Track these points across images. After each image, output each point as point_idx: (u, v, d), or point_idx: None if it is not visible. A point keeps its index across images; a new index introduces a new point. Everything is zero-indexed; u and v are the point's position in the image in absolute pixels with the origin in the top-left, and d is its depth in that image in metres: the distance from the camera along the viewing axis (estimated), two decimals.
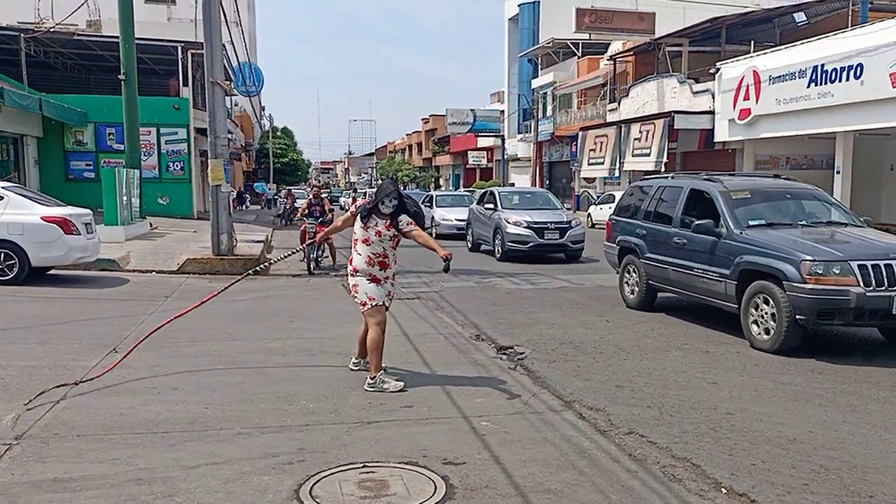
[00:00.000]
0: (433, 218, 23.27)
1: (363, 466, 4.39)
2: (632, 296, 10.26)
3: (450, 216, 23.12)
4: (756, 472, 4.39)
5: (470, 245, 18.93)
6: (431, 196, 26.65)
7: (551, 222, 16.26)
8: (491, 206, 17.40)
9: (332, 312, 9.67)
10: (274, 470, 4.30)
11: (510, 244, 16.04)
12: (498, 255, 16.48)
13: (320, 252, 14.43)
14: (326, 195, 17.18)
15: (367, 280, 5.99)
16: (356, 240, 6.02)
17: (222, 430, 4.99)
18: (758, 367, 6.97)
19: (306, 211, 15.09)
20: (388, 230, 5.97)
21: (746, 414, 5.51)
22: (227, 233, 13.88)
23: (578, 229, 16.50)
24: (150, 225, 19.74)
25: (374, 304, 5.98)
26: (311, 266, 13.82)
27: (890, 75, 18.72)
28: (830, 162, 23.79)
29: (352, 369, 6.47)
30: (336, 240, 15.15)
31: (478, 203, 19.03)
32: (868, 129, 21.16)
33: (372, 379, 5.95)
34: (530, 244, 15.96)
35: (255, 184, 53.85)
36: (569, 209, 26.58)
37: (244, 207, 39.39)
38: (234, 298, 10.67)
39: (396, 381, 6.00)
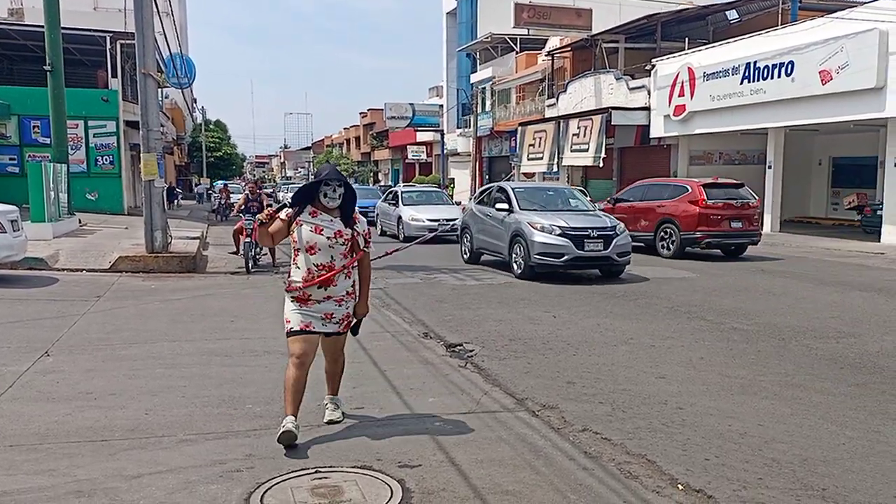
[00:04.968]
0: (400, 218, 20.70)
1: (315, 472, 4.25)
2: None
3: (420, 216, 20.34)
4: (711, 467, 4.41)
5: (467, 255, 15.25)
6: (395, 192, 23.00)
7: (592, 228, 12.50)
8: (504, 206, 13.61)
9: (274, 311, 9.38)
10: (222, 478, 4.12)
11: (538, 257, 12.34)
12: (518, 271, 12.82)
13: (258, 249, 14.02)
14: (271, 191, 17.01)
15: (291, 299, 4.71)
16: (296, 250, 4.67)
17: (165, 436, 4.78)
18: (703, 361, 7.05)
19: (243, 207, 14.60)
20: (345, 231, 4.67)
21: (696, 408, 5.55)
22: (161, 229, 13.45)
23: (624, 237, 12.83)
24: (79, 221, 19.02)
25: (289, 328, 4.69)
26: (249, 265, 13.43)
27: (819, 73, 19.37)
28: (762, 157, 24.52)
29: (328, 421, 5.06)
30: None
31: (478, 203, 15.34)
32: (798, 125, 21.89)
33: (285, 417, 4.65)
34: (566, 257, 12.26)
35: (217, 182, 52.36)
36: None
37: (175, 203, 38.33)
38: (170, 298, 10.35)
39: (293, 426, 4.53)
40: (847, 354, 7.30)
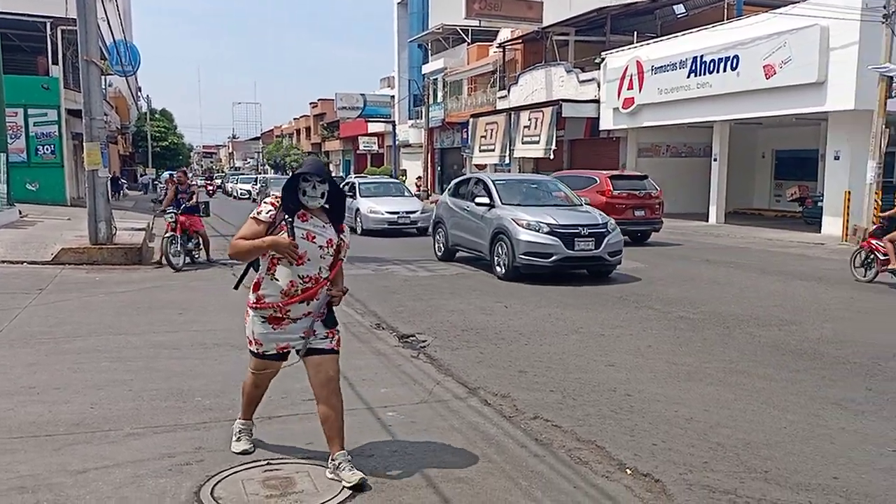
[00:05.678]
0: (358, 210, 19.88)
1: (267, 464, 4.22)
2: None
3: (379, 208, 19.60)
4: (658, 452, 4.50)
5: (441, 251, 14.18)
6: (353, 184, 22.04)
7: (583, 226, 11.52)
8: (484, 200, 12.53)
9: (223, 304, 9.29)
10: (171, 472, 4.07)
11: (524, 257, 11.34)
12: (502, 272, 11.78)
13: (193, 244, 12.82)
14: (219, 182, 16.09)
15: (262, 320, 4.02)
16: (276, 259, 3.95)
17: (111, 430, 4.69)
18: (651, 349, 7.19)
19: (173, 199, 12.91)
20: (335, 239, 4.05)
21: (644, 395, 5.66)
22: (105, 220, 13.13)
23: (616, 234, 11.83)
24: (20, 213, 18.50)
25: (258, 350, 4.10)
26: (175, 261, 12.11)
27: (763, 67, 19.81)
28: (708, 150, 24.99)
29: (328, 477, 4.02)
30: (206, 227, 13.55)
31: (452, 195, 14.27)
32: (743, 119, 22.35)
33: (238, 420, 4.50)
34: (554, 257, 11.27)
35: (163, 172, 50.74)
36: None
37: (120, 194, 37.49)
38: (115, 290, 10.14)
39: (248, 443, 4.39)
40: (788, 341, 7.52)
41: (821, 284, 11.46)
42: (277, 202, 3.95)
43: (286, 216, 3.91)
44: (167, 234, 12.47)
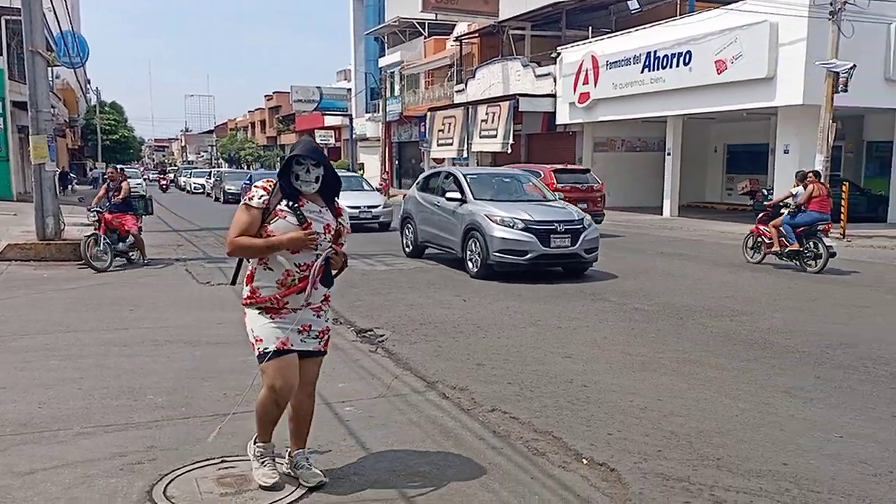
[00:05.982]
0: None
1: (221, 461, 4.15)
2: None
3: (342, 203, 19.88)
4: (613, 441, 4.55)
5: (410, 248, 13.67)
6: None
7: (559, 222, 11.11)
8: (455, 195, 12.03)
9: (175, 300, 9.14)
10: (122, 471, 3.98)
11: (498, 254, 10.87)
12: (474, 270, 11.28)
13: (127, 245, 11.91)
14: (172, 176, 15.67)
15: (258, 311, 3.77)
16: None
17: (60, 430, 4.57)
18: (606, 340, 7.26)
19: (105, 197, 12.07)
20: (333, 225, 3.87)
21: (600, 385, 5.72)
22: (53, 215, 12.83)
23: (593, 231, 11.46)
24: None
25: (262, 349, 3.73)
26: (97, 264, 11.26)
27: (715, 62, 20.14)
28: (662, 144, 25.34)
29: (283, 472, 3.98)
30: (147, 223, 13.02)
31: (421, 189, 13.78)
32: (696, 114, 22.70)
33: (255, 444, 3.98)
34: (530, 255, 10.86)
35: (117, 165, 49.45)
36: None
37: (70, 188, 36.56)
38: (64, 287, 9.92)
39: (272, 474, 3.88)
40: (740, 332, 7.67)
41: (771, 276, 11.71)
42: (271, 186, 3.75)
43: (289, 202, 3.71)
44: (88, 234, 11.68)
